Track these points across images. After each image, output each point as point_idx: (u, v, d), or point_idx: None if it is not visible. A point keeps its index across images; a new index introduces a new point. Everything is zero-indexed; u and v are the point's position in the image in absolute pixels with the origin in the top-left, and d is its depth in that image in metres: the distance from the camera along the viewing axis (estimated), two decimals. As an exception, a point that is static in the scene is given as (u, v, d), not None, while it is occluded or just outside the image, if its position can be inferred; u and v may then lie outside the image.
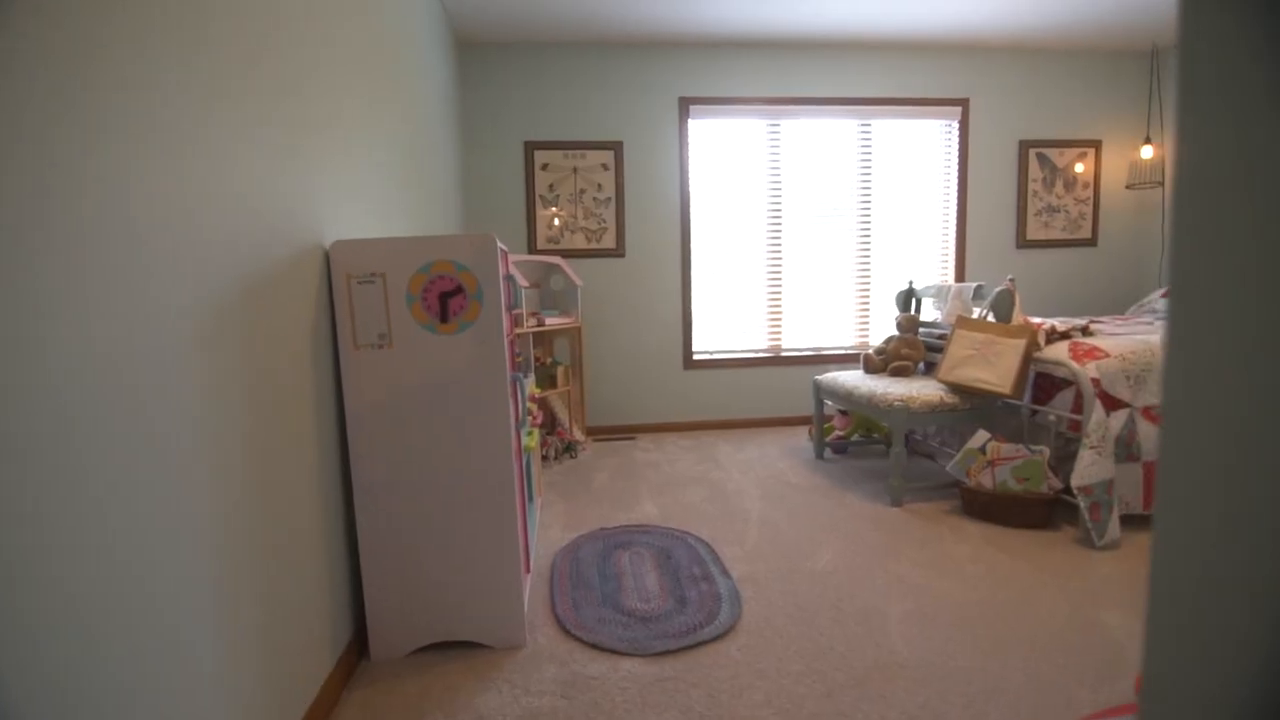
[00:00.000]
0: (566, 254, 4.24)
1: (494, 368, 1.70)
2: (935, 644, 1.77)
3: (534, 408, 2.34)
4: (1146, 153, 4.50)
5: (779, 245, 4.48)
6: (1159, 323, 3.50)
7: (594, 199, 4.24)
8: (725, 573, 2.19)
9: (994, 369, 2.86)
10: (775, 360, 4.54)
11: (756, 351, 4.55)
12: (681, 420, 4.48)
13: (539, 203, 4.20)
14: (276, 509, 1.35)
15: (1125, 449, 2.52)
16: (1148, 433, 2.54)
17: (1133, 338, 2.78)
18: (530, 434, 2.28)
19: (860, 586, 2.11)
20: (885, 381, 3.19)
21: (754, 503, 2.92)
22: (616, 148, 4.22)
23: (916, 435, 3.75)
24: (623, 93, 4.20)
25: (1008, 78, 4.57)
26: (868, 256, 4.59)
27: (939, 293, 3.51)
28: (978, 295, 3.19)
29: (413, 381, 1.68)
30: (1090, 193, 4.79)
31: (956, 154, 4.60)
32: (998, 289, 3.01)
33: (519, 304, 1.81)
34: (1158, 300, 4.21)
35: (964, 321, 3.06)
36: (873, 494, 3.03)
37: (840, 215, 4.54)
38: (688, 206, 4.31)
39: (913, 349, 3.49)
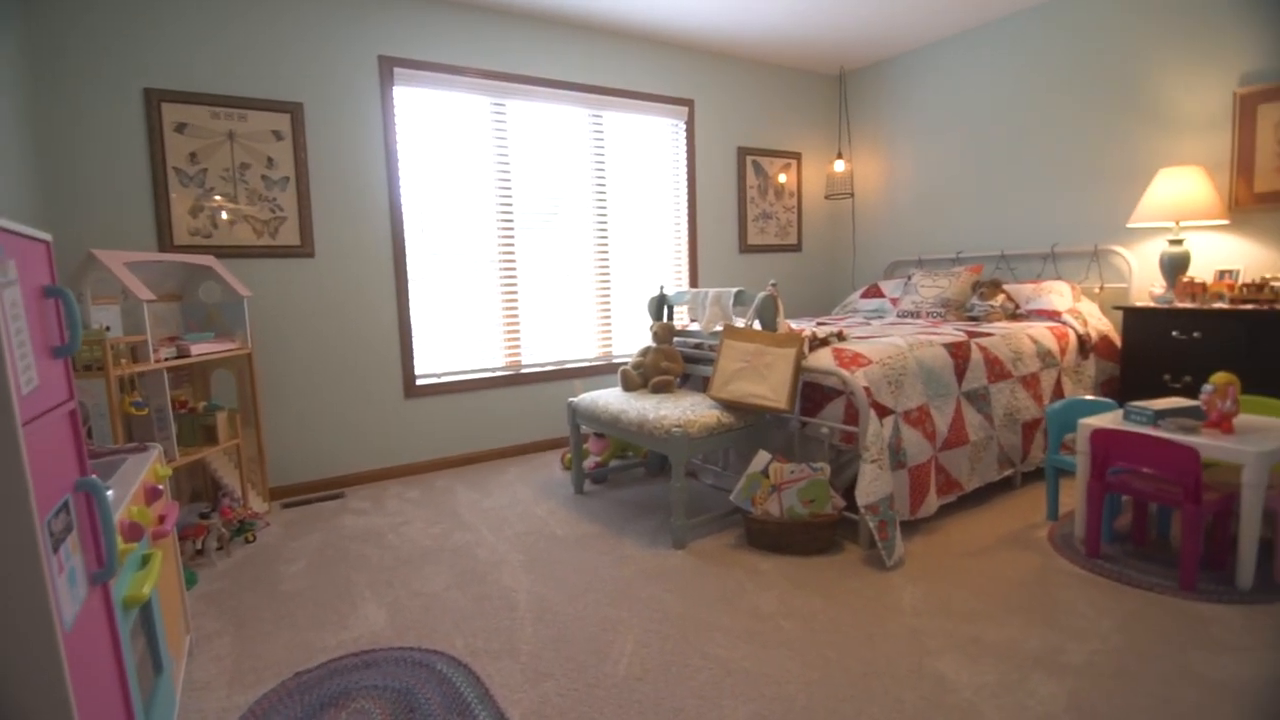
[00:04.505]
0: (224, 252, 3.05)
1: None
2: (798, 770, 1.34)
3: (148, 518, 1.36)
4: (839, 166, 4.91)
5: (511, 246, 3.85)
6: (877, 323, 3.72)
7: (263, 178, 3.12)
8: (501, 718, 1.50)
9: (767, 382, 2.63)
10: (515, 379, 3.90)
11: (493, 370, 3.87)
12: (406, 462, 3.58)
13: (173, 178, 2.94)
14: None
15: (895, 456, 2.46)
16: (910, 438, 2.52)
17: (882, 341, 2.78)
18: (146, 564, 1.31)
19: (681, 691, 1.60)
20: (652, 401, 2.79)
21: (518, 576, 2.26)
22: (294, 111, 3.15)
23: (678, 453, 3.45)
24: (300, 36, 3.15)
25: (727, 83, 4.59)
26: (606, 260, 4.22)
27: (694, 299, 3.25)
28: (739, 301, 2.97)
29: None
30: (795, 201, 5.09)
31: (685, 155, 4.48)
32: (761, 294, 2.81)
33: (77, 335, 0.88)
34: (858, 300, 4.58)
35: (732, 331, 2.79)
36: (651, 535, 2.60)
37: (576, 214, 4.09)
38: (398, 195, 3.43)
39: (672, 360, 3.16)
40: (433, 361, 3.66)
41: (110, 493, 1.25)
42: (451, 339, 3.72)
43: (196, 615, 2.06)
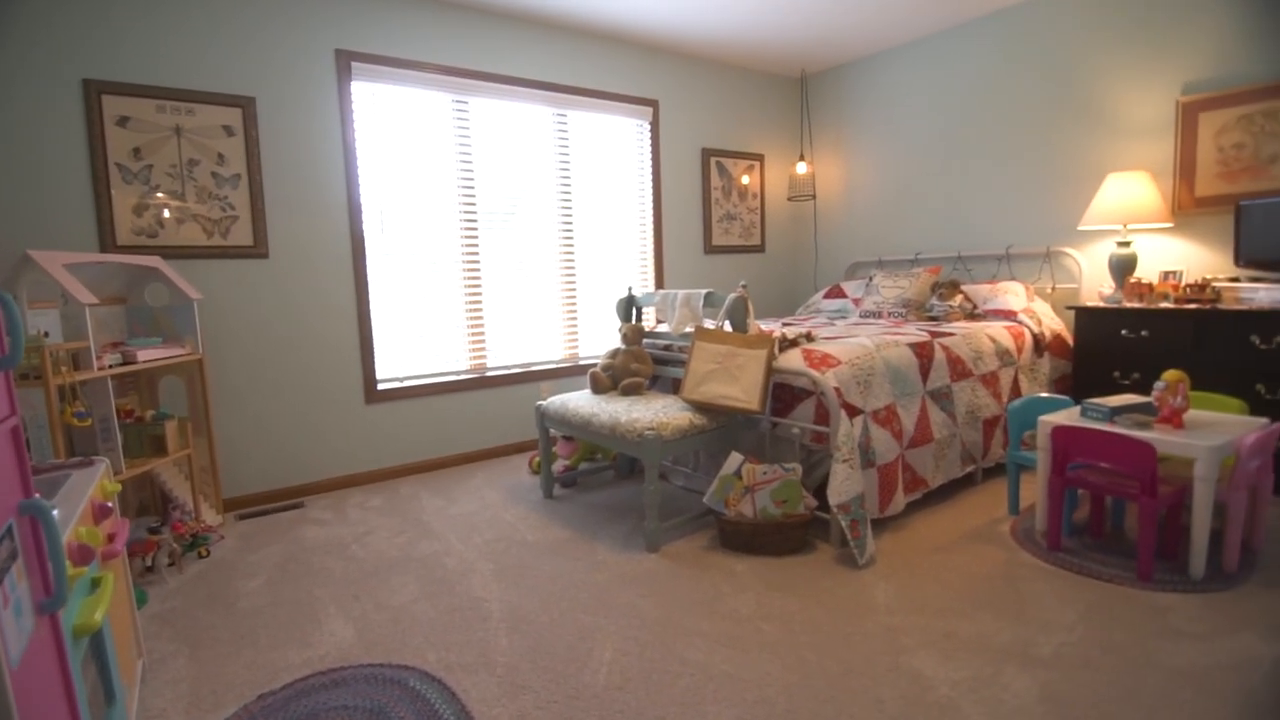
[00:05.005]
0: (171, 253, 2.90)
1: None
2: (784, 775, 1.33)
3: (97, 538, 1.27)
4: (801, 169, 4.97)
5: (475, 246, 3.78)
6: (841, 323, 3.77)
7: (213, 175, 2.98)
8: (480, 733, 1.46)
9: (738, 383, 2.64)
10: (480, 382, 3.83)
11: (458, 373, 3.79)
12: (368, 469, 3.47)
13: (115, 174, 2.79)
14: None
15: (864, 456, 2.49)
16: (879, 437, 2.56)
17: (849, 341, 2.82)
18: (96, 588, 1.22)
19: (663, 699, 1.59)
20: (623, 404, 2.77)
21: (490, 586, 2.21)
22: (246, 105, 3.02)
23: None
24: (253, 27, 3.02)
25: (691, 85, 4.59)
26: (572, 260, 4.18)
27: (663, 300, 3.23)
28: (709, 303, 2.96)
29: None
30: (758, 203, 5.13)
31: (650, 156, 4.47)
32: (732, 296, 2.81)
33: (19, 346, 0.81)
34: (821, 301, 4.64)
35: (703, 333, 2.79)
36: (624, 539, 2.58)
37: (540, 214, 4.03)
38: (356, 193, 3.33)
39: (641, 362, 3.14)
40: (395, 365, 3.56)
41: (56, 513, 1.17)
42: (414, 341, 3.62)
43: (149, 637, 1.95)
